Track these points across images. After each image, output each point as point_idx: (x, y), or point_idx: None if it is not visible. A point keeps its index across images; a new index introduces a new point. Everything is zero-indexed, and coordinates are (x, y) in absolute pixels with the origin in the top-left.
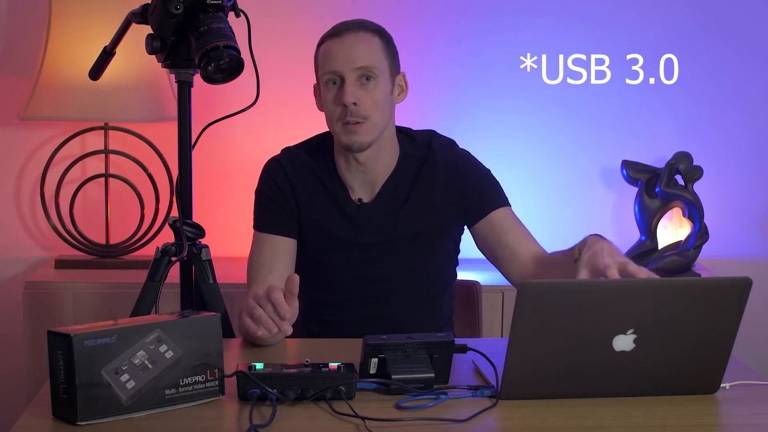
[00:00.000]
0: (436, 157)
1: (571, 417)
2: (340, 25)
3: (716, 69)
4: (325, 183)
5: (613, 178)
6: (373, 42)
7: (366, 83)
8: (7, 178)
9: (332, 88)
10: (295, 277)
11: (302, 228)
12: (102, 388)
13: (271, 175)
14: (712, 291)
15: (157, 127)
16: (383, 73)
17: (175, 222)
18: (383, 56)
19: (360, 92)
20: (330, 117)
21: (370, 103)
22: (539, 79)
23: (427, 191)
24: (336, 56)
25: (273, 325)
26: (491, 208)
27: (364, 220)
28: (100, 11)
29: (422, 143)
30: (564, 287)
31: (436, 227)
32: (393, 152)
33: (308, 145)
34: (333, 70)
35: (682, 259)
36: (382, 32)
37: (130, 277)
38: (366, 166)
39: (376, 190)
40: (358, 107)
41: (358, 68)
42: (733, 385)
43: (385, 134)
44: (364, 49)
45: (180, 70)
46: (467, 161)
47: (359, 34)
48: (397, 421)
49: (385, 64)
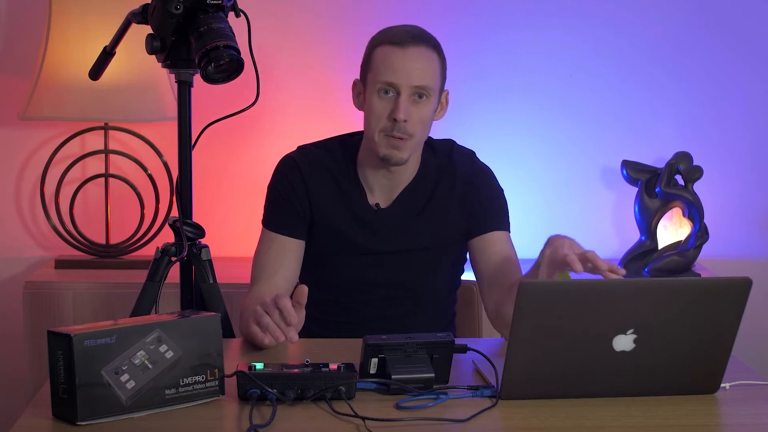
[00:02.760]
0: (456, 169)
1: (571, 417)
2: (401, 33)
3: (716, 69)
4: (343, 185)
5: (613, 178)
6: (433, 60)
7: (418, 101)
8: (7, 178)
9: (384, 97)
10: (304, 288)
11: (313, 229)
12: (102, 388)
13: (286, 173)
14: (712, 291)
15: (157, 127)
16: (435, 94)
17: (175, 222)
18: (439, 76)
19: (412, 109)
20: (374, 125)
21: (417, 121)
22: (539, 79)
23: (444, 202)
24: (395, 68)
25: (280, 333)
26: (490, 228)
27: (379, 226)
28: (100, 11)
29: (443, 153)
30: (564, 287)
31: (448, 237)
32: (416, 160)
33: (327, 145)
34: (390, 82)
35: (682, 259)
36: (439, 48)
37: (130, 277)
38: (394, 174)
39: (395, 195)
40: (406, 124)
41: (416, 86)
42: (733, 385)
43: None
44: (424, 67)
45: (180, 70)
46: (485, 176)
47: (421, 49)
48: (397, 421)
49: (439, 84)
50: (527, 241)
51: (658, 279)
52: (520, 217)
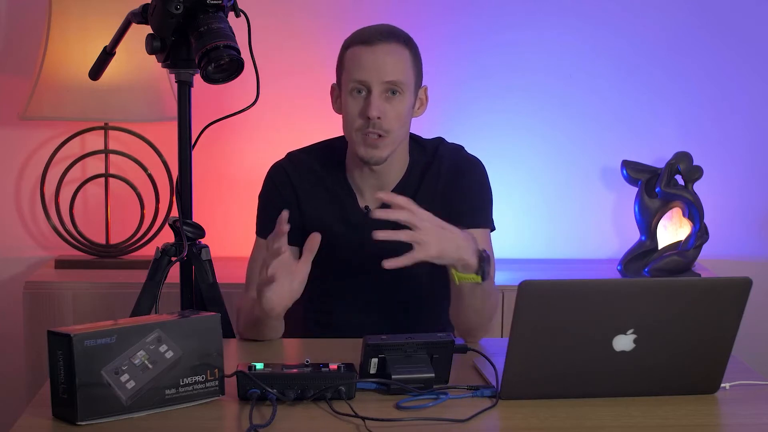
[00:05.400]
0: (441, 164)
1: (571, 417)
2: (370, 32)
3: (716, 69)
4: (333, 190)
5: (613, 178)
6: (404, 55)
7: (391, 97)
8: (7, 178)
9: (357, 97)
10: (317, 236)
11: (305, 235)
12: (102, 388)
13: (275, 181)
14: (712, 291)
15: (157, 127)
16: (409, 89)
17: (175, 222)
18: (411, 71)
19: (385, 106)
20: (349, 125)
21: (393, 117)
22: (539, 79)
23: (428, 199)
24: (365, 66)
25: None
26: (468, 225)
27: (369, 229)
28: (100, 11)
29: (430, 150)
30: (564, 287)
31: None
32: (404, 159)
33: (315, 150)
34: (360, 80)
35: (682, 259)
36: (411, 44)
37: (130, 277)
38: (378, 173)
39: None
40: (381, 121)
41: (387, 82)
42: (733, 385)
43: (400, 145)
44: (394, 62)
45: (180, 70)
46: (471, 168)
47: (390, 45)
48: (397, 421)
49: (412, 79)
50: (527, 241)
51: (658, 279)
52: (520, 217)
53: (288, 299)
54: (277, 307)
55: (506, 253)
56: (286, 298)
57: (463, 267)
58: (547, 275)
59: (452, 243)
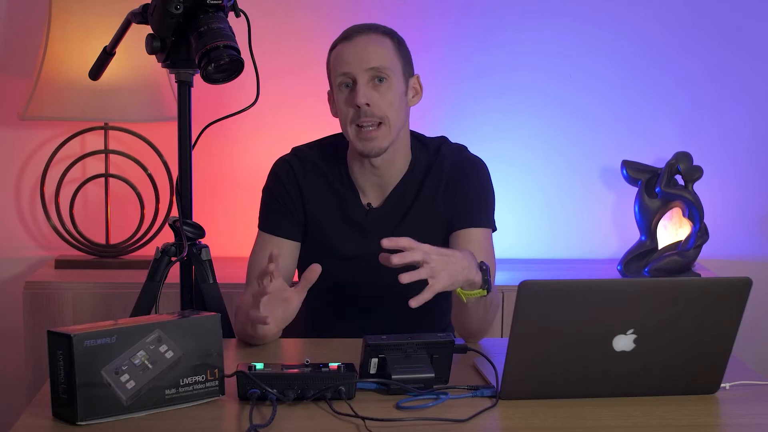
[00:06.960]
0: (443, 164)
1: (572, 417)
2: (350, 29)
3: (716, 69)
4: (335, 187)
5: (613, 178)
6: (384, 43)
7: (379, 84)
8: (7, 178)
9: (345, 90)
10: (317, 267)
11: (307, 231)
12: (102, 388)
13: (280, 176)
14: (712, 291)
15: (157, 127)
16: (396, 74)
17: (175, 222)
18: (395, 57)
19: (373, 93)
20: (344, 120)
21: (385, 104)
22: (539, 79)
23: (430, 198)
24: (347, 58)
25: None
26: (468, 225)
27: (369, 227)
28: (100, 11)
29: (432, 149)
30: (564, 287)
31: (438, 235)
32: (406, 156)
33: (320, 146)
34: (344, 72)
35: (682, 259)
36: (392, 34)
37: (130, 277)
38: (380, 170)
39: (386, 194)
40: (371, 108)
41: (370, 69)
42: (733, 385)
43: (400, 137)
44: (375, 49)
45: (180, 70)
46: (473, 167)
47: (370, 35)
48: (397, 421)
49: (398, 65)
50: (527, 241)
51: (658, 279)
52: (520, 217)
53: (282, 324)
54: (269, 333)
55: (506, 253)
56: (280, 325)
57: (470, 285)
58: (547, 275)
59: (458, 267)
